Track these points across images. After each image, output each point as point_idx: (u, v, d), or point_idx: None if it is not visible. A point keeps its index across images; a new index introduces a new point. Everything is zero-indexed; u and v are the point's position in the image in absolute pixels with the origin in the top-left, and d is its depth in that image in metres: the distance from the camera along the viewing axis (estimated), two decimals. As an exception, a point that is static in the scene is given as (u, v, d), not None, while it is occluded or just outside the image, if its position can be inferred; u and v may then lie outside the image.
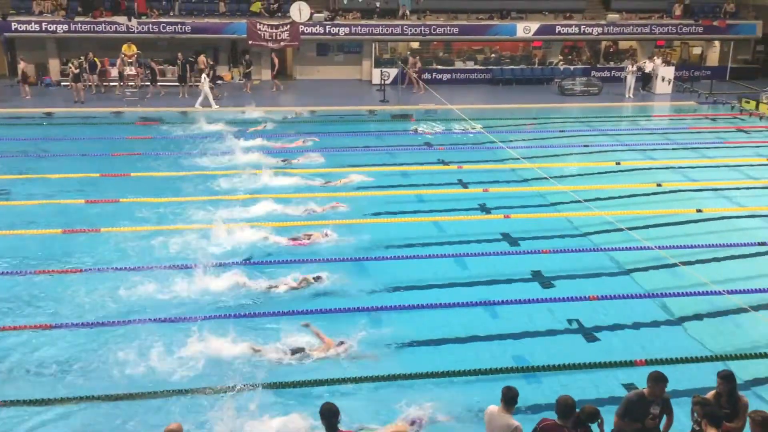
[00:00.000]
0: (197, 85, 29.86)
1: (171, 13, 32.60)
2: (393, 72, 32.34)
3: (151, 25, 31.51)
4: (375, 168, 20.18)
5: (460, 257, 14.30)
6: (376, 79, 32.40)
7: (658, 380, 7.51)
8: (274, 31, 31.28)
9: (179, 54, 29.96)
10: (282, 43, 31.77)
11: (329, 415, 7.10)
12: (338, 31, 32.99)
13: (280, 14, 32.86)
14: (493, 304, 12.31)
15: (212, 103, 27.73)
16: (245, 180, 18.78)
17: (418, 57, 33.18)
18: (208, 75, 28.23)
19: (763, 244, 15.14)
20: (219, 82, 31.66)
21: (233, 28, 32.15)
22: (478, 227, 16.13)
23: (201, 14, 32.81)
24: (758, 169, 20.90)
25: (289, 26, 31.33)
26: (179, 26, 31.75)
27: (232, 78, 33.18)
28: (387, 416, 9.14)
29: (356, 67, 34.91)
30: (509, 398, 7.25)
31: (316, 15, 32.39)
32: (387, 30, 33.41)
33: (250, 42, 31.55)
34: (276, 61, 31.94)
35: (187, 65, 29.96)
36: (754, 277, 13.50)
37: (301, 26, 31.74)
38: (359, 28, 33.15)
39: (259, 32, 31.20)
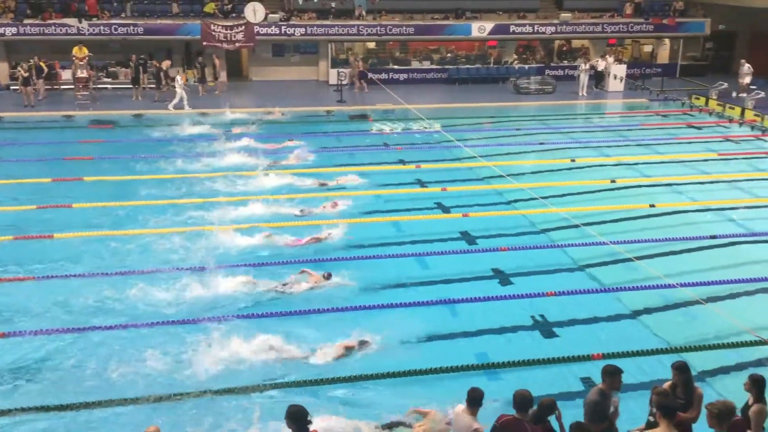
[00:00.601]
0: (150, 87, 29.50)
1: (123, 15, 32.07)
2: (350, 72, 32.29)
3: (102, 27, 30.94)
4: (334, 169, 20.16)
5: (421, 256, 14.34)
6: (333, 80, 32.36)
7: (615, 374, 7.58)
8: (229, 32, 30.98)
9: (132, 56, 29.51)
10: (237, 44, 31.50)
11: (298, 417, 6.69)
12: (294, 31, 32.83)
13: (234, 15, 32.56)
14: (453, 302, 12.38)
15: (170, 107, 27.43)
16: (206, 183, 18.68)
17: (361, 58, 33.09)
18: (166, 75, 27.86)
19: (714, 237, 15.51)
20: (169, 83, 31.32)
21: (187, 29, 31.75)
22: (437, 226, 16.20)
23: (153, 15, 32.33)
24: (709, 164, 21.39)
25: (243, 27, 31.06)
26: (131, 28, 31.25)
27: (187, 80, 32.73)
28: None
29: (313, 67, 34.78)
30: (472, 399, 7.28)
31: (270, 15, 32.19)
32: (343, 30, 33.37)
33: (204, 43, 31.21)
34: (218, 62, 31.43)
35: (140, 67, 29.51)
36: (706, 270, 13.81)
37: (256, 27, 31.51)
38: (315, 28, 33.05)
39: (214, 33, 30.88)
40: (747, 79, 29.78)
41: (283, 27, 32.60)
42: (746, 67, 29.97)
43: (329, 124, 26.47)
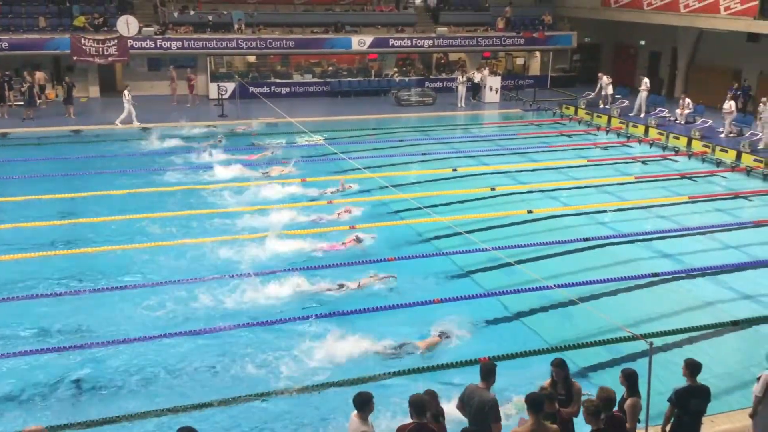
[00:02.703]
0: (17, 105, 28.05)
1: (-16, 29, 30.33)
2: (231, 86, 31.87)
3: (-38, 42, 29.13)
4: (219, 185, 19.81)
5: (309, 270, 14.27)
6: (213, 94, 31.82)
7: (492, 372, 7.56)
8: (101, 45, 29.91)
9: (-4, 72, 27.94)
10: (110, 58, 30.45)
11: None
12: (170, 45, 32.06)
13: (106, 28, 31.43)
14: (342, 314, 12.40)
15: (117, 122, 26.54)
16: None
17: (194, 70, 32.59)
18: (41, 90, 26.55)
19: (587, 239, 16.33)
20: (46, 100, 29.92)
21: (55, 43, 30.36)
22: (324, 239, 16.17)
23: (19, 30, 30.72)
24: (580, 170, 22.52)
25: (116, 41, 30.07)
26: (-6, 43, 29.60)
27: (57, 96, 31.28)
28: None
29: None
30: (358, 403, 7.31)
31: (145, 29, 31.31)
32: (221, 44, 32.90)
33: (74, 58, 29.95)
34: (39, 76, 29.85)
35: (6, 84, 27.93)
36: (580, 271, 14.50)
37: (129, 40, 30.55)
38: (192, 42, 32.39)
39: (85, 47, 29.70)
40: (610, 89, 31.44)
41: (158, 40, 31.77)
42: (605, 79, 31.60)
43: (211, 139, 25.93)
